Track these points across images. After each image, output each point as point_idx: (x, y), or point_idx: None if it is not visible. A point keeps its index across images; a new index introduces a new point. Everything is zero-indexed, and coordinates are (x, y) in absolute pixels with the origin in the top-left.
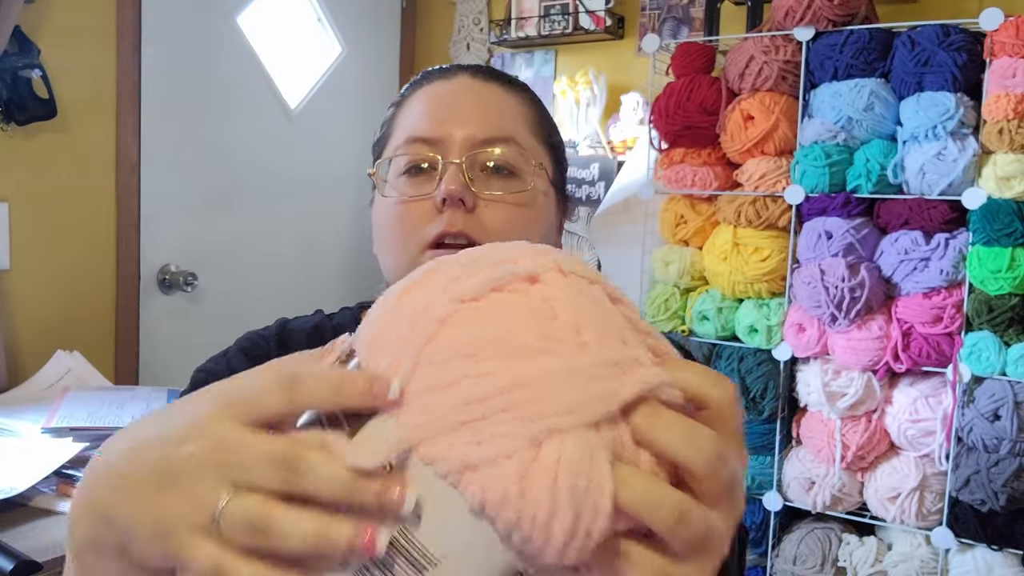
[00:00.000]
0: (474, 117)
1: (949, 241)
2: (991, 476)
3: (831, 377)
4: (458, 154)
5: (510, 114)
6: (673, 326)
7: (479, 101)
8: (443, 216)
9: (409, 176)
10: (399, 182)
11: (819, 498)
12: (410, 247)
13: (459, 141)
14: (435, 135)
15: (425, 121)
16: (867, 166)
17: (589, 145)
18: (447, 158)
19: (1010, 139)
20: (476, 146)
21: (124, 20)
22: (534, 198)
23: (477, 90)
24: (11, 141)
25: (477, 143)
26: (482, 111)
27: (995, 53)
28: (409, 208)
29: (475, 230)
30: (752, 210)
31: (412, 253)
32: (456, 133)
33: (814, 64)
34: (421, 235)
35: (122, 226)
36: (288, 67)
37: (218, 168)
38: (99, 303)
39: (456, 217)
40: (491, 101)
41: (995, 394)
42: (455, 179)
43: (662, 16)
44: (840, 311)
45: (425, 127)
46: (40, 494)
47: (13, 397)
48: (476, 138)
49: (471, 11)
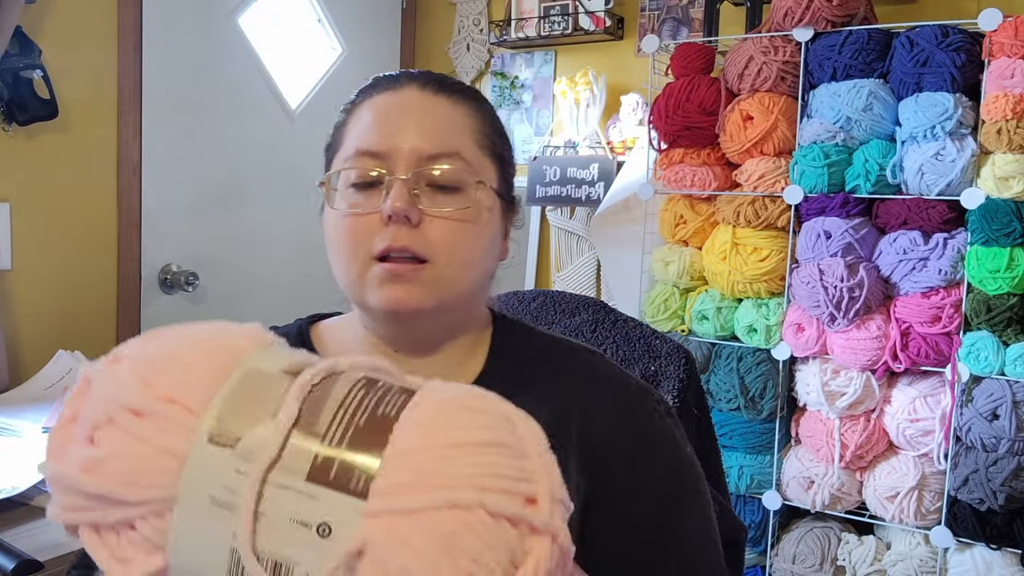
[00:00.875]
0: (421, 131)
1: (948, 241)
2: (990, 475)
3: (830, 377)
4: (404, 169)
5: (457, 127)
6: (672, 326)
7: (426, 114)
8: (389, 231)
9: (357, 189)
10: (348, 193)
11: (818, 497)
12: (359, 259)
13: (406, 156)
14: (382, 149)
15: (373, 134)
16: (866, 166)
17: (589, 145)
18: (394, 173)
19: (1008, 139)
20: (422, 161)
21: (125, 20)
22: (478, 213)
23: (425, 103)
24: (13, 141)
25: (423, 158)
26: (429, 125)
27: (994, 53)
28: (357, 221)
29: (419, 245)
30: (751, 210)
31: (360, 265)
32: (403, 147)
33: (813, 64)
34: (368, 248)
35: (123, 226)
36: (289, 67)
37: (219, 168)
38: (100, 303)
39: (401, 233)
40: (438, 114)
41: (993, 393)
42: (400, 196)
43: (661, 17)
44: (839, 311)
45: (373, 140)
46: (41, 493)
47: (14, 396)
48: (423, 153)
49: (471, 12)
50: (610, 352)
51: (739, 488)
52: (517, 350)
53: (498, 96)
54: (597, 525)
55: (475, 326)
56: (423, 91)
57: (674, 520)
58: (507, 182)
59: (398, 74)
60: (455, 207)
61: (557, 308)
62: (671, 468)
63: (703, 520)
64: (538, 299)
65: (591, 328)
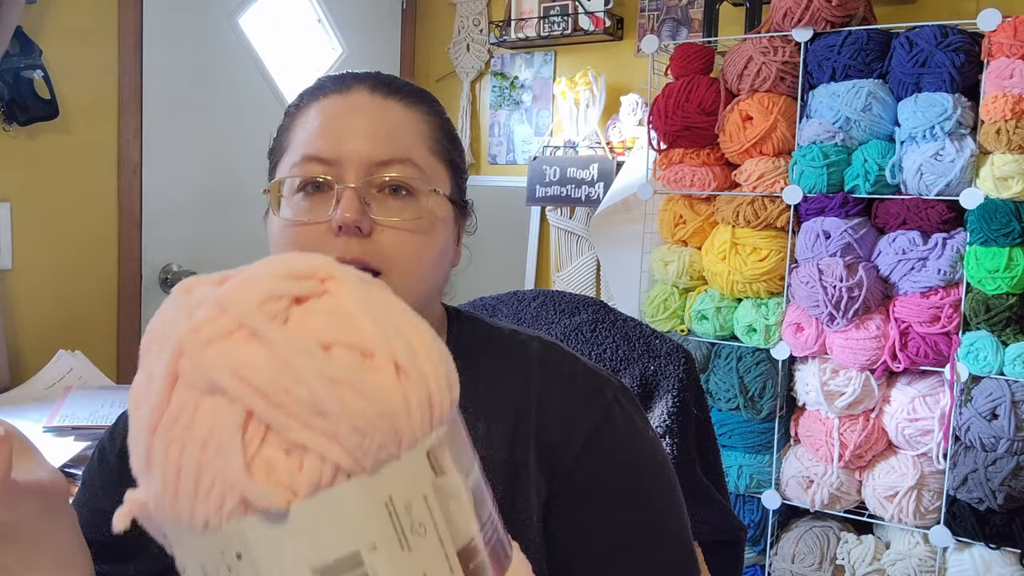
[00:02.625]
0: (371, 137)
1: (947, 241)
2: (989, 475)
3: (829, 376)
4: (354, 177)
5: (408, 133)
6: (672, 325)
7: (376, 119)
8: (339, 242)
9: (305, 195)
10: (295, 200)
11: (817, 496)
12: None
13: (355, 162)
14: (331, 155)
15: (320, 140)
16: (865, 166)
17: (588, 146)
18: (343, 180)
19: (1007, 139)
20: (373, 169)
21: (126, 20)
22: (431, 223)
23: (375, 107)
24: (13, 141)
25: (374, 165)
26: (379, 130)
27: (993, 54)
28: (305, 230)
29: (372, 255)
30: (750, 210)
31: None
32: (352, 154)
33: (812, 65)
34: None
35: (124, 226)
36: (289, 68)
37: (220, 168)
38: (101, 302)
39: (352, 244)
40: (389, 119)
41: (992, 393)
42: (351, 206)
43: (661, 17)
44: (838, 311)
45: (320, 146)
46: None
47: (15, 396)
48: (373, 160)
49: (471, 12)
50: (610, 352)
51: (738, 487)
52: (473, 345)
53: (498, 96)
54: (558, 519)
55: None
56: (373, 94)
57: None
58: (460, 188)
59: (345, 75)
60: (407, 215)
61: (557, 308)
62: (629, 458)
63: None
64: (538, 299)
65: (591, 328)
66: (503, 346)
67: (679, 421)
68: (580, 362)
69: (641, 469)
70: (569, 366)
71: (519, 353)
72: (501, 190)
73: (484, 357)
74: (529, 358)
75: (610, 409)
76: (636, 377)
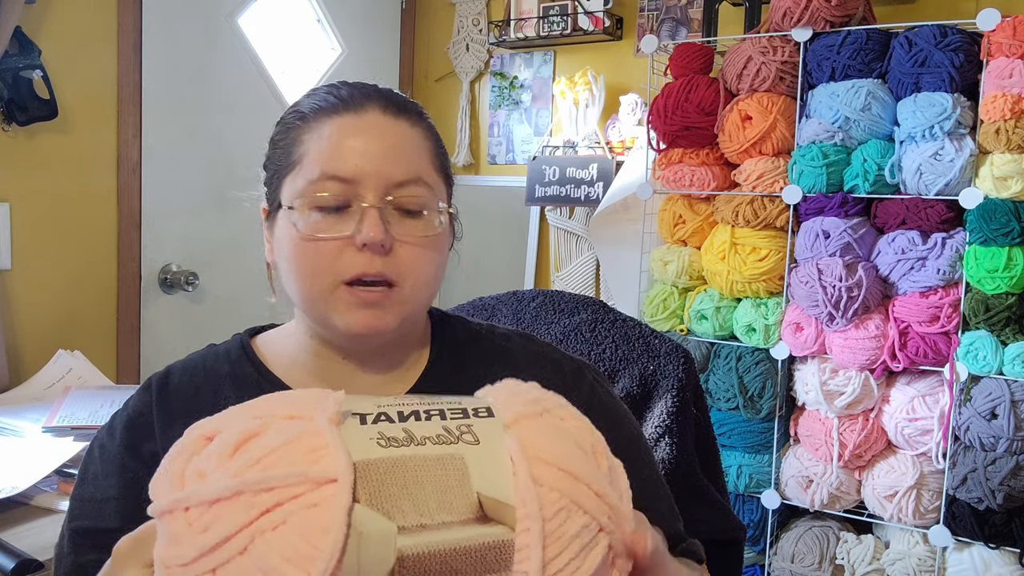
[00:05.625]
0: (389, 158)
1: (946, 241)
2: (988, 474)
3: (829, 376)
4: (374, 197)
5: (418, 152)
6: (671, 325)
7: (391, 139)
8: (362, 257)
9: (322, 212)
10: (311, 216)
11: (817, 496)
12: (323, 282)
13: (375, 183)
14: (351, 175)
15: (339, 158)
16: (864, 166)
17: (588, 145)
18: (363, 199)
19: (1007, 139)
20: (392, 188)
21: (125, 21)
22: (439, 237)
23: (388, 127)
24: (12, 141)
25: (392, 186)
26: (396, 151)
27: (992, 53)
28: (324, 245)
29: (392, 271)
30: (750, 210)
31: (324, 287)
32: (372, 174)
33: (812, 65)
34: (336, 272)
35: (123, 226)
36: (289, 68)
37: (219, 168)
38: (100, 302)
39: (375, 260)
40: (403, 139)
41: (992, 393)
42: (375, 226)
43: (660, 17)
44: (837, 310)
45: (340, 165)
46: (41, 493)
47: (14, 396)
48: (392, 181)
49: (470, 12)
50: (609, 352)
51: (738, 487)
52: (457, 342)
53: (497, 96)
54: None
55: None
56: (385, 114)
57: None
58: (451, 197)
59: (354, 91)
60: (421, 231)
61: (556, 308)
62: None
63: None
64: (538, 299)
65: (590, 327)
66: (487, 341)
67: (678, 421)
68: (559, 350)
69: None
70: (552, 352)
71: (503, 345)
72: (501, 190)
73: (471, 354)
74: (513, 349)
75: (593, 387)
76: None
